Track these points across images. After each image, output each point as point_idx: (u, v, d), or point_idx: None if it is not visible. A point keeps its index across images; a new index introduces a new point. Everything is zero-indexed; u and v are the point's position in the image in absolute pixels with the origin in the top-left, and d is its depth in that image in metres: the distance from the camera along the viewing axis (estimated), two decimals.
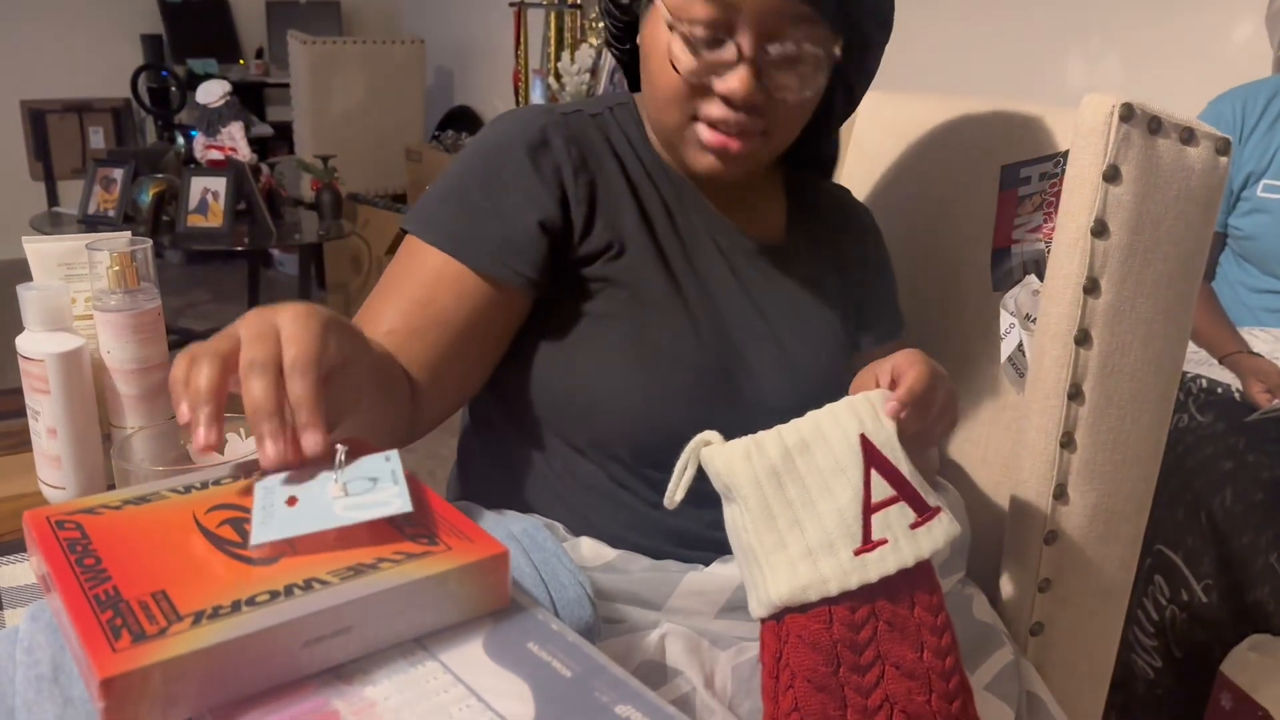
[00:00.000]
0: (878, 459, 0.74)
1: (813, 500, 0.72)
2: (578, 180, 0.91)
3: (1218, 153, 0.92)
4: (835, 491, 0.72)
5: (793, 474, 0.72)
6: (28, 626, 0.54)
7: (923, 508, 0.74)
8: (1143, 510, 1.01)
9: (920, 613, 0.72)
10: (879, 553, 0.71)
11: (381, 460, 0.63)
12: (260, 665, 0.48)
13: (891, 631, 0.71)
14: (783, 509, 0.72)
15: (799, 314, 0.98)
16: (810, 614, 0.70)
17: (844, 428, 0.74)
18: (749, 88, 0.85)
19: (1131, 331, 0.93)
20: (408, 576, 0.53)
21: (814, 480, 0.72)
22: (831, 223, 1.05)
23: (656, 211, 0.95)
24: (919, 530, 0.73)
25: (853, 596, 0.71)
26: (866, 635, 0.70)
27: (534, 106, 0.95)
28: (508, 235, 0.88)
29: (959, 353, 1.15)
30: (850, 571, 0.70)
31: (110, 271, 0.89)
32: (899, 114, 1.29)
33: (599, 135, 0.95)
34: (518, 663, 0.51)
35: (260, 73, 5.47)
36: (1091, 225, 0.90)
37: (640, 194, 0.94)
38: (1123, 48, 2.49)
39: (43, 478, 0.91)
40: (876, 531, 0.72)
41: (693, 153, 0.91)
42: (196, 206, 3.64)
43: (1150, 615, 1.51)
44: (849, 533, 0.71)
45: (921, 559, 0.72)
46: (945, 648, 0.72)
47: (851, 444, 0.73)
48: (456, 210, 0.90)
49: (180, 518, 0.59)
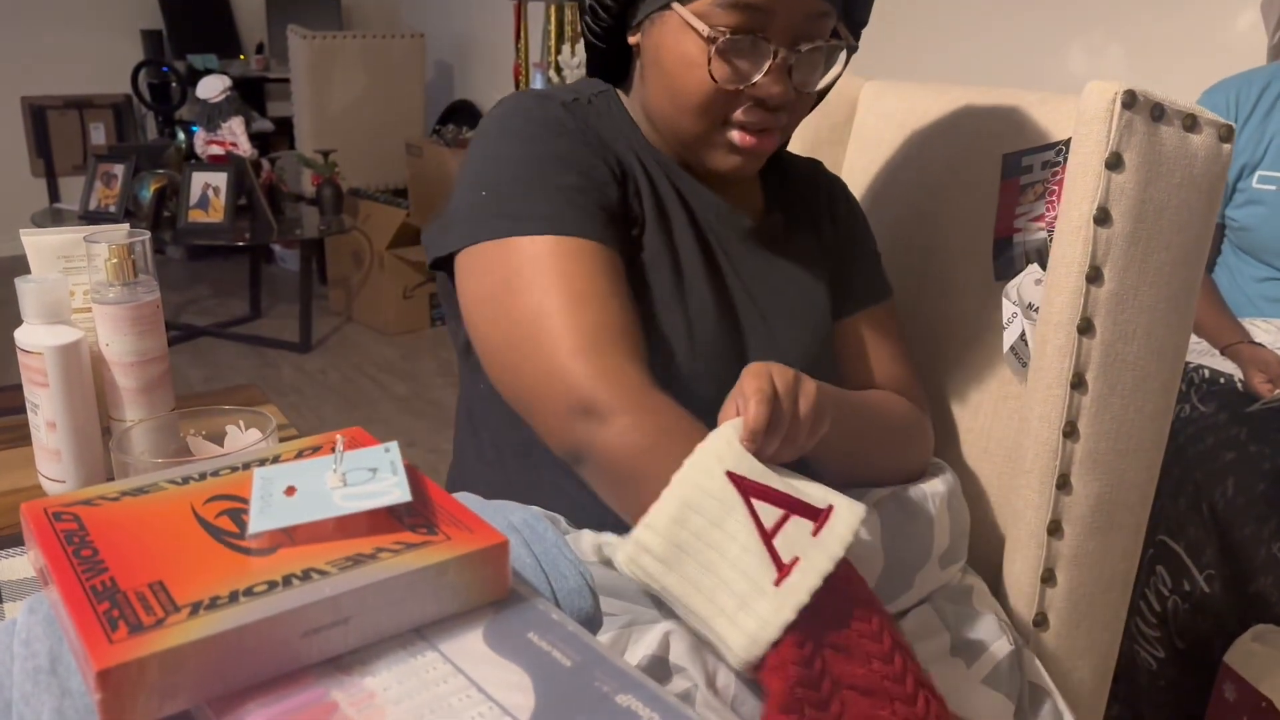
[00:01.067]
0: (753, 488, 0.73)
1: (714, 562, 0.71)
2: (605, 160, 0.91)
3: (1220, 140, 0.92)
4: (730, 541, 0.71)
5: (684, 547, 0.72)
6: (25, 619, 0.54)
7: (814, 513, 0.73)
8: (1146, 500, 1.01)
9: (856, 625, 0.72)
10: (798, 572, 0.70)
11: (380, 451, 0.63)
12: (258, 656, 0.48)
13: (837, 654, 0.70)
14: (698, 578, 0.72)
15: (785, 290, 0.99)
16: (768, 665, 0.69)
17: (709, 473, 0.73)
18: (785, 92, 0.87)
19: (1134, 320, 0.93)
20: (407, 566, 0.52)
21: (705, 542, 0.72)
22: (805, 195, 1.06)
23: (665, 191, 0.95)
24: (822, 534, 0.72)
25: (797, 631, 0.69)
26: (818, 668, 0.69)
27: (534, 92, 0.94)
28: (604, 206, 0.88)
29: (961, 342, 1.14)
30: (782, 605, 0.69)
31: (108, 264, 0.89)
32: (900, 103, 1.28)
33: (600, 121, 0.95)
34: (518, 652, 0.51)
35: (260, 68, 5.46)
36: (1094, 213, 0.90)
37: (650, 173, 0.95)
38: (1125, 37, 2.48)
39: (42, 471, 0.91)
40: (785, 554, 0.71)
41: (719, 155, 0.92)
42: (197, 202, 3.64)
43: (1153, 606, 1.50)
44: (763, 568, 0.70)
45: (838, 559, 0.72)
46: (888, 652, 0.71)
47: (723, 487, 0.73)
48: (542, 197, 0.85)
49: (178, 508, 0.59)
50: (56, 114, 5.27)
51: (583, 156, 0.88)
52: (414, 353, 3.96)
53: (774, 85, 0.87)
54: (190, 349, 3.96)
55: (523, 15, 4.18)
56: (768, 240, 1.01)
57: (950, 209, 1.16)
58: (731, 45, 0.85)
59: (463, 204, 0.88)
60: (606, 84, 1.00)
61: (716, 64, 0.86)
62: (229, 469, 0.64)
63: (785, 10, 0.85)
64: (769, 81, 0.87)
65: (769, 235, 1.01)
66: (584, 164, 0.88)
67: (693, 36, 0.86)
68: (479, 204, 0.87)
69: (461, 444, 1.04)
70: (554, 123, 0.89)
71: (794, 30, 0.86)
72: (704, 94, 0.87)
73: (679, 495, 0.73)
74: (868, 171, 1.30)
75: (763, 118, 0.89)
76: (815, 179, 1.09)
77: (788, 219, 1.04)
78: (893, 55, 2.99)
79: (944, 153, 1.19)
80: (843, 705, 0.69)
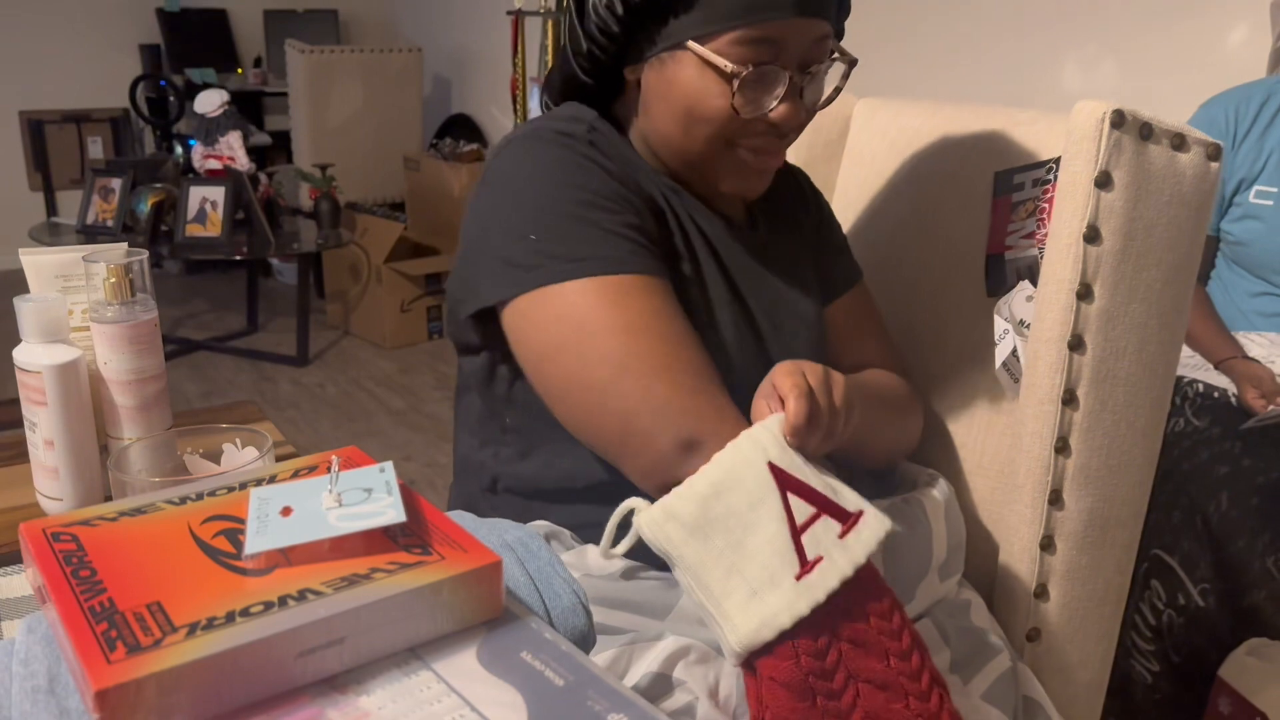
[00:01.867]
0: (791, 482, 0.74)
1: (741, 541, 0.72)
2: (637, 193, 0.92)
3: (1209, 158, 0.92)
4: (760, 526, 0.72)
5: (714, 522, 0.73)
6: (24, 638, 0.54)
7: (844, 515, 0.74)
8: (1138, 515, 1.01)
9: (876, 622, 0.73)
10: (818, 571, 0.71)
11: (375, 471, 0.63)
12: (254, 676, 0.49)
13: (855, 649, 0.71)
14: (716, 558, 0.72)
15: (786, 294, 1.02)
16: (776, 654, 0.70)
17: (751, 460, 0.74)
18: (800, 112, 0.91)
19: (1125, 336, 0.94)
20: (401, 586, 0.53)
21: (736, 521, 0.73)
22: (778, 195, 1.08)
23: (682, 218, 0.97)
24: (848, 538, 0.73)
25: (811, 626, 0.71)
26: (833, 660, 0.70)
27: (545, 128, 0.92)
28: (650, 238, 0.90)
29: (954, 358, 1.15)
30: (797, 598, 0.70)
31: (107, 283, 0.89)
32: (893, 121, 1.29)
33: (613, 151, 0.95)
34: (510, 672, 0.52)
35: (258, 82, 5.48)
36: (1084, 231, 0.91)
37: (664, 202, 0.96)
38: (1119, 53, 2.50)
39: (40, 489, 0.92)
40: (810, 552, 0.72)
41: (730, 178, 0.95)
42: (195, 216, 3.65)
43: (1147, 620, 1.51)
44: (785, 561, 0.71)
45: (859, 565, 0.72)
46: (907, 649, 0.73)
47: (762, 475, 0.74)
48: (600, 237, 0.85)
49: (175, 529, 0.60)
50: (54, 128, 5.29)
51: (621, 193, 0.89)
52: (411, 366, 3.97)
53: (789, 110, 0.90)
54: (187, 363, 3.96)
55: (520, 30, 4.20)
56: (762, 248, 1.03)
57: (943, 226, 1.17)
58: (751, 78, 0.88)
59: (506, 250, 0.87)
60: (590, 110, 0.98)
61: (739, 97, 0.88)
62: (226, 489, 0.65)
63: (794, 40, 0.88)
64: (784, 108, 0.90)
65: (761, 243, 1.03)
66: (624, 200, 0.89)
67: (711, 72, 0.88)
68: (530, 248, 0.85)
69: (463, 458, 1.05)
70: (587, 161, 0.89)
71: (803, 56, 0.90)
72: (723, 122, 0.90)
73: (720, 471, 0.74)
74: (861, 189, 1.31)
75: (774, 142, 0.93)
76: (786, 174, 1.12)
77: (770, 221, 1.06)
78: (886, 73, 3.01)
79: (936, 170, 1.20)
80: (857, 696, 0.70)
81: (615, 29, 0.90)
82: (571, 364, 0.84)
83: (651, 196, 0.95)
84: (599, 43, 0.92)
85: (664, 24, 0.89)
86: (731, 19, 0.86)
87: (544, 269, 0.84)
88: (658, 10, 0.88)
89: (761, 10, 0.86)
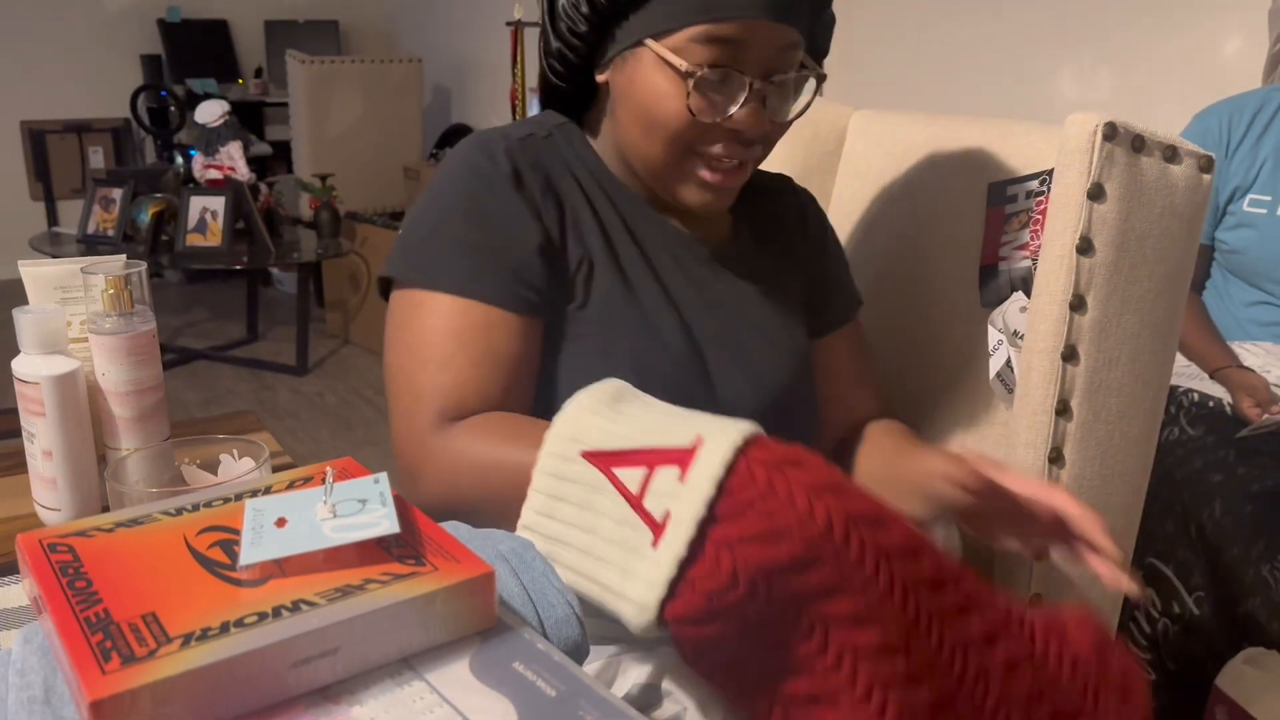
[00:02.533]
0: (611, 459, 0.69)
1: (594, 540, 0.68)
2: (546, 203, 0.93)
3: (1200, 170, 0.93)
4: (602, 514, 0.68)
5: (561, 536, 0.69)
6: (20, 649, 0.54)
7: (680, 456, 0.66)
8: (1132, 524, 1.02)
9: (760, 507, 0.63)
10: (671, 526, 0.64)
11: (370, 482, 0.64)
12: (248, 686, 0.49)
13: (745, 545, 0.62)
14: (580, 564, 0.68)
15: (755, 313, 1.00)
16: (676, 600, 0.63)
17: (566, 458, 0.70)
18: (760, 123, 0.89)
19: (1118, 347, 0.94)
20: (395, 597, 0.53)
21: (579, 523, 0.68)
22: (773, 213, 1.07)
23: (615, 227, 0.97)
24: (689, 475, 0.65)
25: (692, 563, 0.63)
26: (727, 565, 0.61)
27: (487, 134, 0.96)
28: (513, 267, 0.90)
29: (948, 368, 1.15)
30: (661, 560, 0.63)
31: (105, 295, 0.90)
32: (889, 132, 1.30)
33: (555, 156, 0.97)
34: (503, 682, 0.52)
35: (259, 92, 5.50)
36: (1077, 242, 0.91)
37: (599, 211, 0.96)
38: (1114, 62, 2.51)
39: (38, 499, 0.92)
40: (658, 513, 0.65)
41: (689, 190, 0.93)
42: (195, 226, 3.66)
43: (1143, 628, 1.51)
44: (638, 534, 0.65)
45: (709, 497, 0.63)
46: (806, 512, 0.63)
47: (582, 469, 0.69)
48: (462, 254, 0.89)
49: (171, 540, 0.60)
50: (55, 138, 5.30)
51: (507, 212, 0.90)
52: None
53: (750, 117, 0.88)
54: (187, 372, 3.97)
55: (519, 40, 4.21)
56: (736, 263, 1.02)
57: (937, 237, 1.18)
58: (708, 79, 0.87)
59: (402, 238, 0.94)
60: (567, 117, 1.01)
61: (694, 98, 0.87)
62: (221, 500, 0.65)
63: (758, 43, 0.86)
64: (745, 114, 0.88)
65: (737, 258, 1.02)
66: (505, 220, 0.90)
67: (668, 71, 0.87)
68: (404, 244, 0.92)
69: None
70: (484, 176, 0.91)
71: (767, 62, 0.88)
72: (680, 126, 0.89)
73: (540, 490, 0.70)
74: (856, 199, 1.31)
75: (737, 150, 0.91)
76: (783, 195, 1.10)
77: (757, 238, 1.05)
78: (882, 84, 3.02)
79: (932, 181, 1.20)
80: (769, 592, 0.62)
81: (583, 28, 0.90)
82: (388, 354, 0.92)
83: (573, 205, 0.94)
84: (568, 43, 0.93)
85: (626, 20, 0.88)
86: (690, 15, 0.85)
87: (400, 265, 0.92)
88: (620, 7, 0.88)
89: (721, 7, 0.84)
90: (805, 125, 1.37)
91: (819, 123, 1.37)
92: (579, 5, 0.89)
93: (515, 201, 0.91)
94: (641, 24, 0.88)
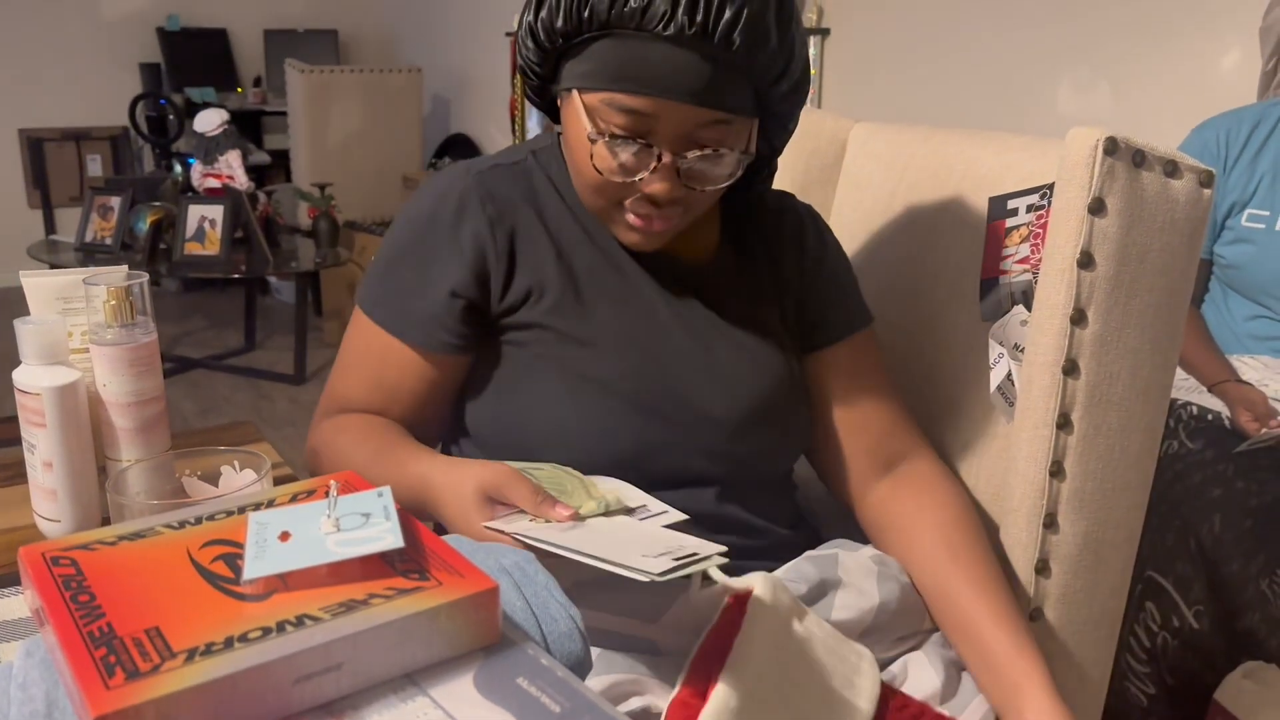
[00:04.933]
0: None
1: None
2: (496, 237, 0.95)
3: (1201, 185, 0.93)
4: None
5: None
6: (22, 662, 0.54)
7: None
8: (1133, 538, 1.02)
9: None
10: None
11: (374, 496, 0.64)
12: (252, 702, 0.49)
13: None
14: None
15: (733, 330, 1.00)
16: None
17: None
18: (671, 191, 0.89)
19: (1119, 361, 0.94)
20: (399, 612, 0.53)
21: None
22: (765, 228, 1.06)
23: (580, 248, 0.98)
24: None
25: None
26: None
27: (453, 170, 1.00)
28: (432, 310, 0.95)
29: (949, 382, 1.16)
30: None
31: (107, 306, 0.90)
32: (889, 146, 1.30)
33: (518, 184, 0.98)
34: (507, 698, 0.52)
35: (258, 101, 5.50)
36: (1078, 257, 0.92)
37: (561, 235, 0.98)
38: (1112, 76, 2.51)
39: (38, 510, 0.92)
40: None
41: (619, 229, 0.96)
42: (194, 234, 3.66)
43: (1142, 642, 1.51)
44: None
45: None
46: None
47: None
48: (391, 288, 0.98)
49: (174, 554, 0.60)
50: (54, 146, 5.30)
51: (442, 256, 0.96)
52: None
53: (657, 184, 0.88)
54: (185, 381, 3.96)
55: None
56: (714, 280, 1.02)
57: (938, 250, 1.18)
58: (615, 145, 0.87)
59: (371, 262, 1.03)
60: (553, 135, 1.03)
61: (601, 158, 0.88)
62: (224, 513, 0.65)
63: (672, 120, 0.86)
64: (653, 180, 0.88)
65: (716, 275, 1.02)
66: (438, 263, 0.96)
67: (585, 127, 0.88)
68: (366, 273, 1.02)
69: None
70: (431, 217, 0.97)
71: (683, 138, 0.87)
72: (595, 179, 0.90)
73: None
74: (857, 212, 1.31)
75: (651, 209, 0.91)
76: (784, 212, 1.08)
77: (741, 255, 1.05)
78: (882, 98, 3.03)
79: (932, 194, 1.20)
80: None
81: (534, 59, 0.92)
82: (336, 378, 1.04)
83: (528, 236, 0.97)
84: (528, 65, 0.94)
85: (566, 63, 0.90)
86: (607, 81, 0.85)
87: (361, 291, 1.01)
88: (558, 51, 0.89)
89: (635, 81, 0.84)
90: (806, 139, 1.37)
91: (819, 136, 1.38)
92: (526, 38, 0.91)
93: (446, 243, 0.96)
94: (572, 73, 0.89)
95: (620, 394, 0.94)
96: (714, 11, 0.81)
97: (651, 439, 0.94)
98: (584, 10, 0.84)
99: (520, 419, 0.95)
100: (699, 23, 0.81)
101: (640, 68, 0.84)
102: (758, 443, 1.00)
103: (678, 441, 0.95)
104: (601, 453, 0.93)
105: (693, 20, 0.81)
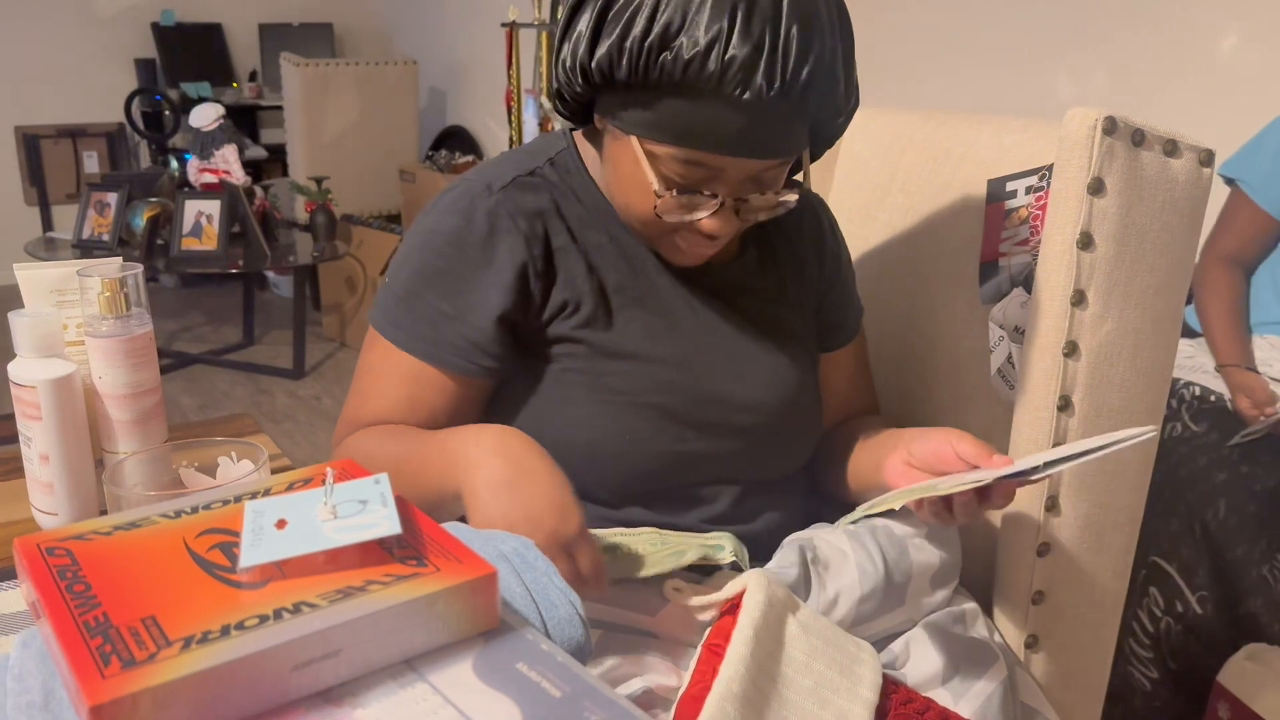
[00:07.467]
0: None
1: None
2: (532, 253, 0.93)
3: (1201, 164, 0.93)
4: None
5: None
6: (18, 654, 0.54)
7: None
8: (1134, 520, 1.01)
9: None
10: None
11: (371, 483, 0.63)
12: (250, 689, 0.48)
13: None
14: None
15: (759, 334, 1.00)
16: None
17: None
18: (730, 225, 0.89)
19: (1119, 342, 0.94)
20: (397, 598, 0.53)
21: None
22: (784, 227, 1.06)
23: (607, 258, 0.97)
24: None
25: None
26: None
27: (470, 187, 0.96)
28: (472, 337, 0.93)
29: (949, 365, 1.15)
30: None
31: (101, 298, 0.89)
32: (887, 129, 1.29)
33: (541, 197, 0.96)
34: (507, 683, 0.51)
35: (254, 95, 5.49)
36: (1077, 237, 0.91)
37: (588, 246, 0.96)
38: (1111, 60, 2.50)
39: (35, 504, 0.91)
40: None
41: (666, 250, 0.95)
42: (191, 230, 3.65)
43: (1145, 626, 1.51)
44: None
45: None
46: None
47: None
48: (420, 315, 0.94)
49: (170, 543, 0.59)
50: (50, 142, 5.29)
51: (475, 281, 0.93)
52: None
53: (715, 224, 0.88)
54: (183, 376, 3.96)
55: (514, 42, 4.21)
56: (738, 282, 1.01)
57: (937, 234, 1.18)
58: (678, 186, 0.86)
59: (384, 287, 0.99)
60: (570, 137, 1.00)
61: (663, 204, 0.87)
62: (221, 502, 0.65)
63: (735, 171, 0.86)
64: (713, 223, 0.88)
65: (740, 277, 1.02)
66: (472, 290, 0.93)
67: (646, 172, 0.87)
68: (383, 295, 0.98)
69: None
70: (459, 241, 0.93)
71: (743, 186, 0.88)
72: (648, 216, 0.89)
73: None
74: (855, 197, 1.31)
75: (704, 242, 0.91)
76: (800, 210, 1.07)
77: (764, 255, 1.04)
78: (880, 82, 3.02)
79: (930, 178, 1.20)
80: None
81: (580, 92, 0.89)
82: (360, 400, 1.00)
83: (558, 247, 0.95)
84: (566, 90, 0.91)
85: (620, 106, 0.87)
86: (674, 136, 0.84)
87: (376, 314, 0.98)
88: (614, 94, 0.87)
89: (699, 139, 0.83)
90: None
91: None
92: (575, 74, 0.87)
93: (482, 269, 0.93)
94: (633, 120, 0.86)
95: (650, 406, 0.94)
96: (790, 72, 0.80)
97: (680, 448, 0.94)
98: (654, 70, 0.81)
99: (548, 433, 0.92)
100: (777, 86, 0.80)
101: (711, 126, 0.82)
102: (782, 443, 1.01)
103: (705, 448, 0.96)
104: (629, 464, 0.93)
105: (771, 85, 0.79)
